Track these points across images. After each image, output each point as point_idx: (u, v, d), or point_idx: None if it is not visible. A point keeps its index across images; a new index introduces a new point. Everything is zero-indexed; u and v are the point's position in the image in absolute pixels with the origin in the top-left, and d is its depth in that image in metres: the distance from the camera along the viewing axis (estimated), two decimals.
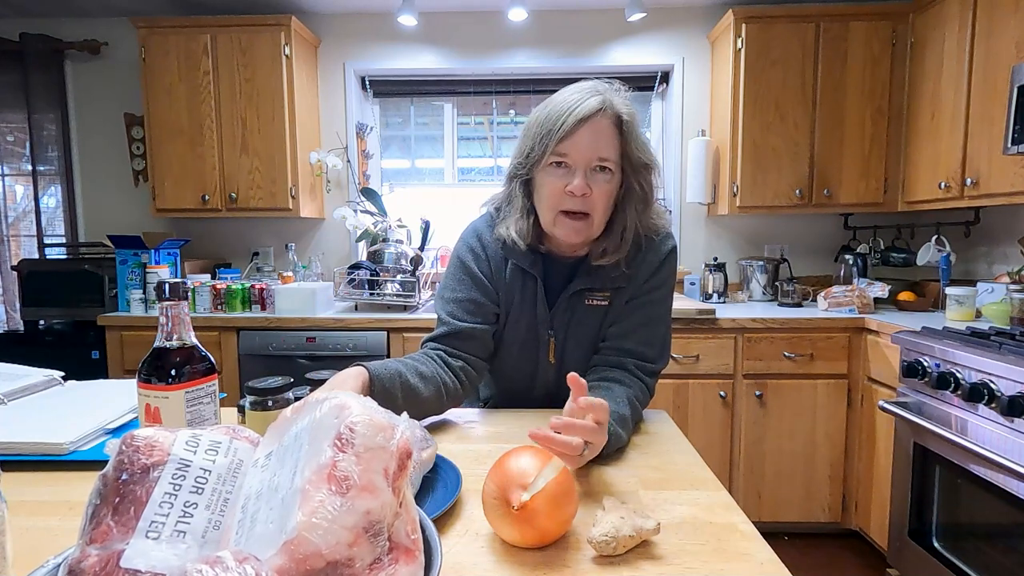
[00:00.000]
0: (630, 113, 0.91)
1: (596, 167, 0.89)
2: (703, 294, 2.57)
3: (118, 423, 0.87)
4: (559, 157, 0.89)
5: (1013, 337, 1.53)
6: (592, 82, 0.92)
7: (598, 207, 0.90)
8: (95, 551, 0.37)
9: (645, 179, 0.94)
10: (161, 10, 2.68)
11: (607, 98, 0.89)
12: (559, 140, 0.88)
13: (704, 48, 2.72)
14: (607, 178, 0.90)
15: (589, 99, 0.88)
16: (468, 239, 1.05)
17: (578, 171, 0.88)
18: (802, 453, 2.19)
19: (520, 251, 0.98)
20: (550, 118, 0.89)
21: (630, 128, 0.90)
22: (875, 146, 2.39)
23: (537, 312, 1.01)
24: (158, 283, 0.66)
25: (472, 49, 2.77)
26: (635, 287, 0.98)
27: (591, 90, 0.90)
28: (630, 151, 0.90)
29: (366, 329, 2.20)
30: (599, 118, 0.88)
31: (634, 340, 0.97)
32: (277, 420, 0.47)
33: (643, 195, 0.95)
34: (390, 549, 0.38)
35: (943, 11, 2.15)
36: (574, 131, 0.87)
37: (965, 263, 2.50)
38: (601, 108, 0.88)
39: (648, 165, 0.93)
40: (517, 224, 0.97)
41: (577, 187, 0.88)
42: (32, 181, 2.75)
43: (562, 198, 0.90)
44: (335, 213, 2.61)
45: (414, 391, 0.87)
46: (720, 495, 0.68)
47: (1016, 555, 1.40)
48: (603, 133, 0.88)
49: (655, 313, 0.98)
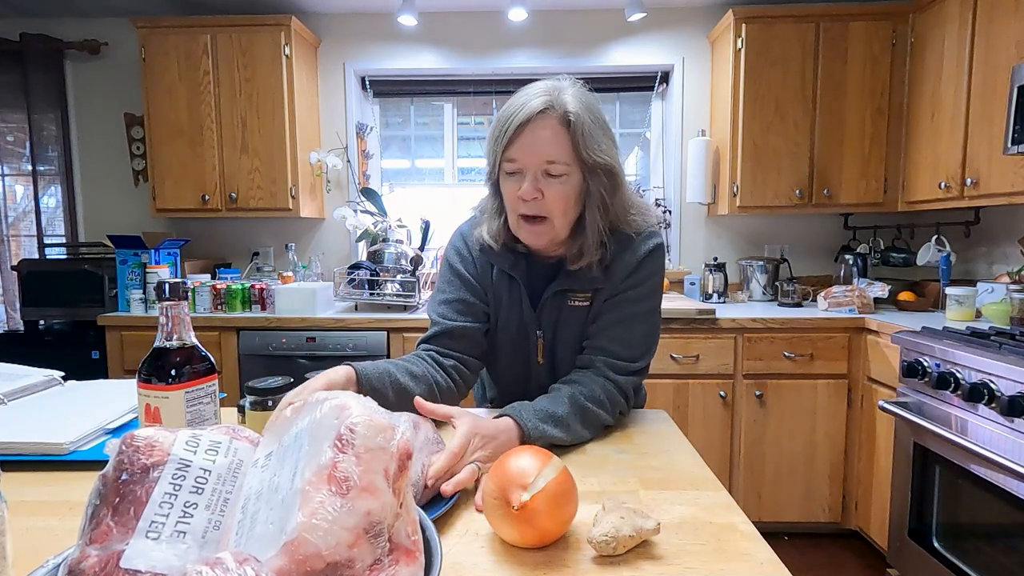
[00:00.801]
0: (578, 112, 0.86)
1: (547, 169, 0.86)
2: (703, 294, 2.57)
3: (118, 423, 0.87)
4: (510, 163, 0.88)
5: (1013, 337, 1.53)
6: (546, 81, 0.89)
7: (554, 210, 0.88)
8: (95, 551, 0.37)
9: (602, 180, 0.89)
10: (161, 10, 2.68)
11: (554, 97, 0.86)
12: (505, 147, 0.87)
13: (704, 48, 2.72)
14: (562, 179, 0.87)
15: (533, 100, 0.85)
16: (455, 242, 1.06)
17: (528, 175, 0.87)
18: (802, 453, 2.19)
19: (497, 252, 0.99)
20: (499, 123, 0.88)
21: (578, 127, 0.85)
22: (875, 146, 2.39)
23: (523, 312, 1.01)
24: (158, 283, 0.66)
25: (472, 49, 2.77)
26: (612, 286, 0.96)
27: (541, 91, 0.87)
28: (580, 151, 0.86)
29: (366, 329, 2.20)
30: (542, 119, 0.85)
31: (607, 338, 0.95)
32: (277, 420, 0.47)
33: (600, 197, 0.90)
34: (390, 550, 0.38)
35: (943, 11, 2.15)
36: (518, 135, 0.85)
37: (965, 263, 2.50)
38: (545, 108, 0.85)
39: (603, 165, 0.88)
40: (489, 225, 0.98)
41: (526, 191, 0.86)
42: (32, 181, 2.75)
43: (519, 203, 0.89)
44: (335, 213, 2.61)
45: (405, 390, 0.87)
46: (720, 495, 0.68)
47: (1016, 555, 1.40)
48: (548, 134, 0.85)
49: (632, 311, 0.96)
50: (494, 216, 0.98)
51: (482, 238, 0.99)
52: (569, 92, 0.88)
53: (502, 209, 0.97)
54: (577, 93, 0.88)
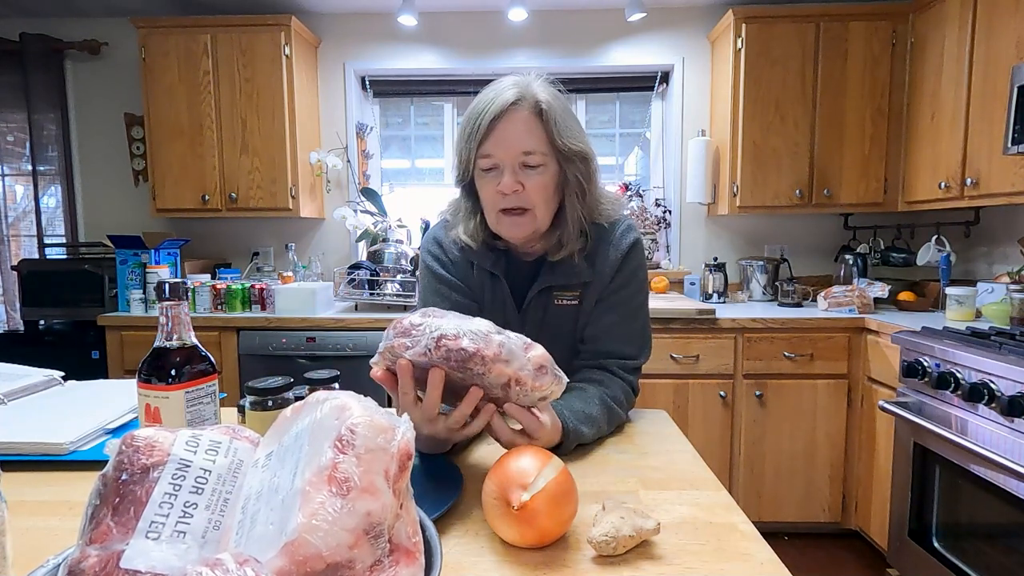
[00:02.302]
0: (549, 100, 0.87)
1: (524, 161, 0.87)
2: (703, 294, 2.57)
3: (118, 423, 0.87)
4: (485, 159, 0.88)
5: (1013, 337, 1.53)
6: (512, 76, 0.90)
7: (536, 200, 0.88)
8: (95, 551, 0.37)
9: (578, 167, 0.90)
10: (161, 10, 2.68)
11: (524, 89, 0.86)
12: (480, 142, 0.86)
13: (704, 48, 2.72)
14: (540, 170, 0.88)
15: (504, 93, 0.86)
16: (429, 247, 1.04)
17: (506, 169, 0.87)
18: (802, 453, 2.19)
19: (477, 251, 0.98)
20: (470, 120, 0.88)
21: (551, 116, 0.86)
22: (875, 146, 2.39)
23: (506, 313, 0.99)
24: (158, 283, 0.66)
25: (472, 49, 2.77)
26: (602, 286, 0.96)
27: (510, 84, 0.88)
28: (554, 140, 0.87)
29: (366, 329, 2.20)
30: (515, 110, 0.85)
31: (611, 340, 0.96)
32: (277, 420, 0.47)
33: (578, 184, 0.91)
34: (391, 551, 0.38)
35: (943, 11, 2.15)
36: (492, 129, 0.85)
37: (965, 263, 2.50)
38: (516, 100, 0.85)
39: (578, 152, 0.89)
40: (465, 225, 0.97)
41: (506, 185, 0.86)
42: (32, 181, 2.75)
43: (498, 198, 0.89)
44: (335, 213, 2.61)
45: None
46: (720, 495, 0.68)
47: (1016, 555, 1.40)
48: (523, 126, 0.86)
49: (628, 310, 0.96)
50: (470, 216, 0.97)
51: (459, 238, 0.98)
52: (536, 83, 0.89)
53: (477, 208, 0.96)
54: (543, 84, 0.90)
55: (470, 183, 0.95)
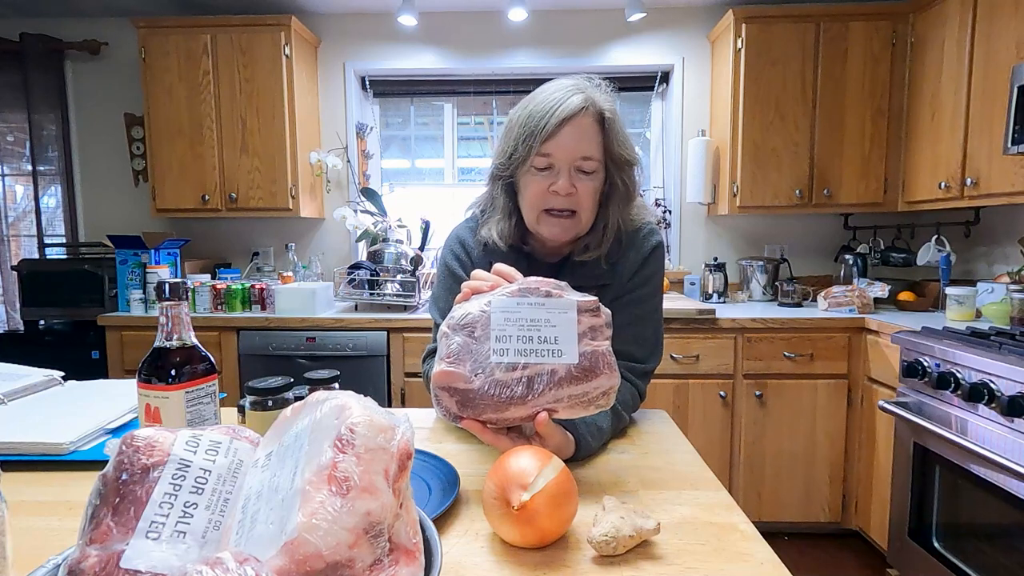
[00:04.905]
0: (612, 110, 0.89)
1: (580, 166, 0.88)
2: (703, 294, 2.57)
3: (118, 423, 0.87)
4: (543, 158, 0.88)
5: (1013, 337, 1.53)
6: (573, 79, 0.91)
7: (584, 204, 0.90)
8: (95, 551, 0.37)
9: (628, 175, 0.93)
10: (161, 10, 2.68)
11: (589, 95, 0.88)
12: (543, 140, 0.86)
13: (704, 48, 2.72)
14: (592, 176, 0.89)
15: (571, 97, 0.86)
16: (452, 245, 1.05)
17: (562, 171, 0.87)
18: (802, 453, 2.19)
19: (502, 252, 0.98)
20: (532, 118, 0.88)
21: (612, 125, 0.89)
22: (875, 146, 2.39)
23: None
24: (158, 283, 0.66)
25: (472, 49, 2.77)
26: (619, 286, 0.96)
27: (573, 88, 0.88)
28: (612, 148, 0.89)
29: (366, 329, 2.20)
30: (582, 116, 0.87)
31: (622, 341, 0.94)
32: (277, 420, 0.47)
33: (626, 191, 0.94)
34: (390, 550, 0.38)
35: (943, 11, 2.15)
36: (558, 131, 0.86)
37: (965, 263, 2.50)
38: (584, 106, 0.86)
39: (630, 161, 0.92)
40: (499, 225, 0.97)
41: (562, 187, 0.87)
42: (32, 181, 2.75)
43: (547, 198, 0.89)
44: (335, 213, 2.61)
45: None
46: (720, 495, 0.68)
47: (1016, 555, 1.40)
48: (586, 131, 0.87)
49: (642, 312, 0.97)
50: (506, 217, 0.96)
51: (490, 239, 0.98)
52: (596, 91, 0.90)
53: (515, 210, 0.96)
54: (603, 92, 0.91)
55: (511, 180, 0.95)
